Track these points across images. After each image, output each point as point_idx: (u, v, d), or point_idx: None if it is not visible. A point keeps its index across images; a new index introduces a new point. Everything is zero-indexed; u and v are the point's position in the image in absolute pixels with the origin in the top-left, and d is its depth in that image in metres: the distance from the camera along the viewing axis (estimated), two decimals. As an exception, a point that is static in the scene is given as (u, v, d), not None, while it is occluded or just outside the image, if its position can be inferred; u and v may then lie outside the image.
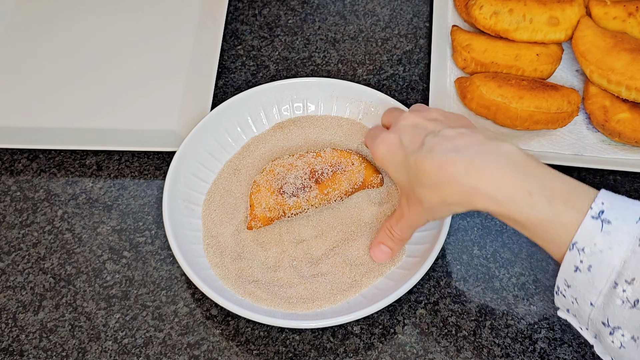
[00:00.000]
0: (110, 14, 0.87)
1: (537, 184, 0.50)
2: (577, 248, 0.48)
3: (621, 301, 0.47)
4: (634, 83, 0.69)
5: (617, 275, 0.47)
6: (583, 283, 0.49)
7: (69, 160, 0.75)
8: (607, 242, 0.47)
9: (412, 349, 0.62)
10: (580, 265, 0.49)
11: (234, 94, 0.77)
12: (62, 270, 0.67)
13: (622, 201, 0.49)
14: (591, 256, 0.48)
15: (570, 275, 0.49)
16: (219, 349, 0.62)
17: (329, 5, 0.89)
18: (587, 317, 0.50)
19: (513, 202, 0.50)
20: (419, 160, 0.54)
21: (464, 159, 0.51)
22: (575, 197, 0.50)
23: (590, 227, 0.48)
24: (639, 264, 0.46)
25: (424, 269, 0.61)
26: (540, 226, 0.50)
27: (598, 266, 0.48)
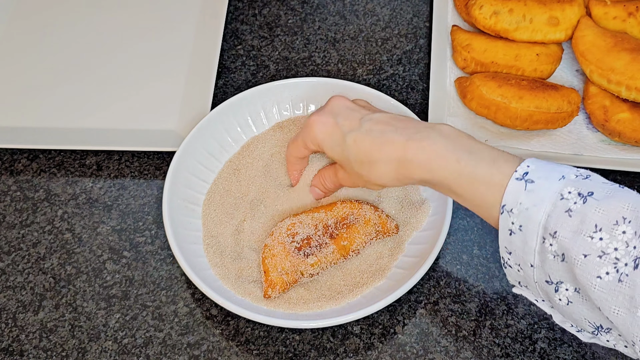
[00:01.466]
0: (110, 14, 0.87)
1: (467, 152, 0.54)
2: (506, 210, 0.51)
3: (552, 256, 0.50)
4: (634, 83, 0.69)
5: (544, 230, 0.50)
6: (519, 245, 0.52)
7: (69, 160, 0.75)
8: (531, 199, 0.50)
9: (412, 349, 0.62)
10: (512, 227, 0.51)
11: (234, 93, 0.77)
12: (62, 270, 0.67)
13: (548, 164, 0.52)
14: (519, 215, 0.51)
15: (508, 240, 0.52)
16: (219, 349, 0.62)
17: (329, 5, 0.89)
18: (534, 282, 0.53)
19: (444, 169, 0.54)
20: (358, 140, 0.58)
21: (401, 138, 0.56)
22: (501, 162, 0.53)
23: (515, 188, 0.51)
24: (560, 217, 0.49)
25: (424, 269, 0.61)
26: (469, 191, 0.54)
27: (527, 224, 0.50)
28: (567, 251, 0.49)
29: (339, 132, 0.59)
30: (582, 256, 0.48)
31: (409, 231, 0.66)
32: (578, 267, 0.48)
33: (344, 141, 0.59)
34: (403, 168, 0.56)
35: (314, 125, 0.61)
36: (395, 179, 0.57)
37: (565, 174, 0.51)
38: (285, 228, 0.63)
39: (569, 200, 0.49)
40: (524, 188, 0.51)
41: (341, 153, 0.60)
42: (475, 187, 0.53)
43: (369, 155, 0.57)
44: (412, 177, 0.56)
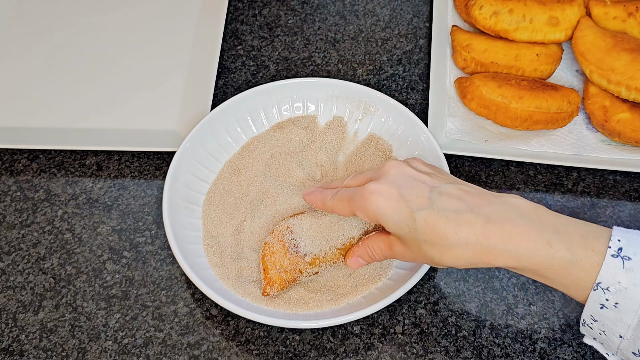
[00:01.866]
0: (110, 14, 0.87)
1: (553, 233, 0.50)
2: (602, 287, 0.49)
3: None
4: (633, 83, 0.69)
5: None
6: (610, 318, 0.49)
7: (69, 161, 0.75)
8: (631, 279, 0.48)
9: (412, 349, 0.62)
10: (606, 303, 0.49)
11: (234, 94, 0.77)
12: (62, 270, 0.68)
13: (637, 235, 0.50)
14: (616, 294, 0.48)
15: (597, 312, 0.50)
16: (219, 349, 0.62)
17: (329, 6, 0.89)
18: (617, 348, 0.51)
19: (534, 255, 0.50)
20: (430, 220, 0.52)
21: (479, 219, 0.51)
22: (591, 239, 0.50)
23: (612, 266, 0.48)
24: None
25: (424, 269, 0.61)
26: (562, 274, 0.50)
27: (624, 302, 0.48)
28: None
29: (406, 209, 0.53)
30: None
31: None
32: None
33: (412, 220, 0.53)
34: (484, 254, 0.51)
35: (374, 196, 0.54)
36: (471, 264, 0.52)
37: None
38: (286, 227, 0.63)
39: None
40: (622, 266, 0.48)
41: (408, 233, 0.53)
42: (569, 270, 0.50)
43: (443, 238, 0.51)
44: (493, 264, 0.51)
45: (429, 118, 0.74)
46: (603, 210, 0.71)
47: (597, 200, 0.71)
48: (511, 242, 0.50)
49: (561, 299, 0.65)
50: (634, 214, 0.70)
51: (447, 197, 0.53)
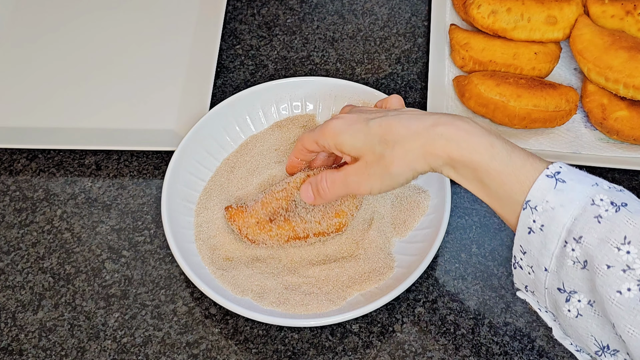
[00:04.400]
0: (109, 14, 0.87)
1: (499, 139, 0.52)
2: (530, 206, 0.49)
3: (572, 262, 0.47)
4: (631, 81, 0.69)
5: (567, 233, 0.47)
6: (537, 246, 0.49)
7: (68, 160, 0.75)
8: (560, 199, 0.47)
9: (410, 347, 0.62)
10: (533, 226, 0.49)
11: (232, 93, 0.78)
12: (61, 270, 0.68)
13: (582, 171, 0.50)
14: (543, 214, 0.48)
15: (525, 239, 0.50)
16: (218, 348, 0.62)
17: (327, 5, 0.89)
18: (544, 288, 0.50)
19: (476, 151, 0.51)
20: (384, 123, 0.55)
21: (429, 119, 0.54)
22: (533, 158, 0.51)
23: (544, 185, 0.48)
24: (588, 222, 0.46)
25: (422, 267, 0.61)
26: (498, 181, 0.51)
27: (549, 224, 0.48)
28: (590, 258, 0.46)
29: (361, 121, 0.57)
30: (605, 266, 0.45)
31: (406, 230, 0.67)
32: (599, 277, 0.46)
33: (367, 126, 0.56)
34: (431, 144, 0.53)
35: (331, 121, 0.59)
36: (420, 157, 0.53)
37: (598, 182, 0.48)
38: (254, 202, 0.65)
39: (599, 207, 0.46)
40: (554, 186, 0.48)
41: (363, 139, 0.56)
42: (504, 176, 0.50)
43: (395, 132, 0.54)
44: (439, 155, 0.53)
45: (427, 117, 0.74)
46: (601, 208, 0.71)
47: (595, 198, 0.71)
48: (457, 135, 0.52)
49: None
50: (632, 211, 0.70)
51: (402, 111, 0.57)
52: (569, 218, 0.47)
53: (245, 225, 0.65)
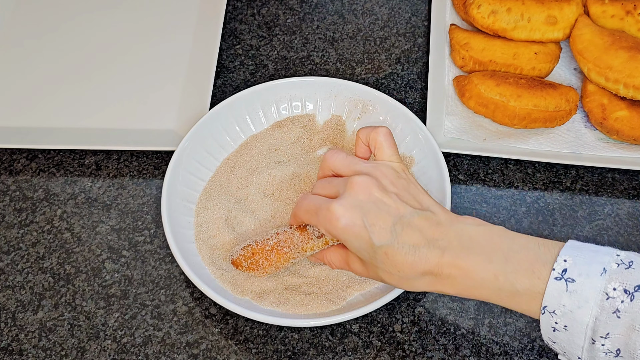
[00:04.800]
0: (109, 14, 0.87)
1: (502, 263, 0.52)
2: (549, 311, 0.50)
3: (604, 353, 0.48)
4: (631, 81, 0.69)
5: (593, 332, 0.48)
6: (565, 340, 0.50)
7: (68, 160, 0.75)
8: (575, 301, 0.48)
9: (410, 347, 0.62)
10: (556, 326, 0.50)
11: (232, 93, 0.78)
12: (61, 270, 0.68)
13: (587, 253, 0.50)
14: (563, 317, 0.49)
15: (551, 334, 0.51)
16: (218, 348, 0.62)
17: (327, 5, 0.89)
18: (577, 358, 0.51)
19: (482, 287, 0.52)
20: (390, 254, 0.54)
21: (435, 253, 0.53)
22: (539, 265, 0.51)
23: (555, 289, 0.49)
24: (609, 319, 0.47)
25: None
26: (510, 303, 0.52)
27: (572, 325, 0.49)
28: (623, 347, 0.47)
29: (368, 240, 0.55)
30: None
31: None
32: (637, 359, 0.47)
33: (373, 251, 0.55)
34: (439, 284, 0.54)
35: (338, 221, 0.55)
36: (427, 290, 0.55)
37: (606, 266, 0.48)
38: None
39: (615, 300, 0.47)
40: (565, 289, 0.49)
41: (369, 259, 0.56)
42: (516, 299, 0.52)
43: (401, 270, 0.54)
44: (447, 292, 0.54)
45: (427, 117, 0.74)
46: (601, 208, 0.71)
47: (595, 198, 0.72)
48: (462, 274, 0.53)
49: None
50: (632, 211, 0.70)
51: (409, 230, 0.54)
52: (590, 318, 0.48)
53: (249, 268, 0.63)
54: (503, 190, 0.72)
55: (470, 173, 0.73)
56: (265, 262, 0.62)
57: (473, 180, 0.73)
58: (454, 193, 0.71)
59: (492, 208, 0.71)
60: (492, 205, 0.71)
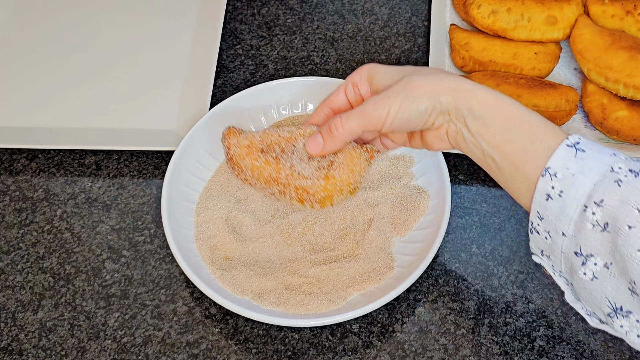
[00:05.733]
0: (109, 14, 0.87)
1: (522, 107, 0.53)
2: (550, 173, 0.50)
3: (591, 225, 0.49)
4: (631, 81, 0.69)
5: (588, 198, 0.49)
6: (554, 212, 0.50)
7: (68, 160, 0.75)
8: (580, 166, 0.49)
9: (410, 347, 0.62)
10: (551, 192, 0.50)
11: (232, 93, 0.78)
12: (62, 270, 0.68)
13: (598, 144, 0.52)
14: (563, 181, 0.50)
15: (543, 205, 0.51)
16: (218, 348, 0.62)
17: (327, 5, 0.89)
18: (560, 252, 0.52)
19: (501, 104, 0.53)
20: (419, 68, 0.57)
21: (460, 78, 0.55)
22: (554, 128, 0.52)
23: (564, 153, 0.50)
24: (608, 187, 0.48)
25: (422, 267, 0.61)
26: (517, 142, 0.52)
27: (569, 190, 0.50)
28: (612, 220, 0.48)
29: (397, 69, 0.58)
30: (627, 227, 0.47)
31: (406, 230, 0.67)
32: (621, 237, 0.47)
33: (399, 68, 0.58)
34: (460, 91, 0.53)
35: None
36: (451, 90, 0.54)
37: (616, 153, 0.51)
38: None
39: (619, 173, 0.49)
40: (574, 155, 0.50)
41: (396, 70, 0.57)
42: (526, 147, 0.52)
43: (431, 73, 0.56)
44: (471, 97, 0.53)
45: (427, 117, 0.74)
46: (601, 208, 0.71)
47: (595, 198, 0.71)
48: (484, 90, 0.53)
49: (560, 297, 0.65)
50: (632, 211, 0.70)
51: None
52: (590, 184, 0.49)
53: (237, 145, 0.60)
54: (503, 190, 0.72)
55: (470, 173, 0.73)
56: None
57: (473, 180, 0.73)
58: (454, 193, 0.71)
59: (492, 208, 0.71)
60: (492, 205, 0.71)
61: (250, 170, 0.60)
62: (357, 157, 0.60)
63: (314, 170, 0.59)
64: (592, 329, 0.63)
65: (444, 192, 0.66)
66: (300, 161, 0.59)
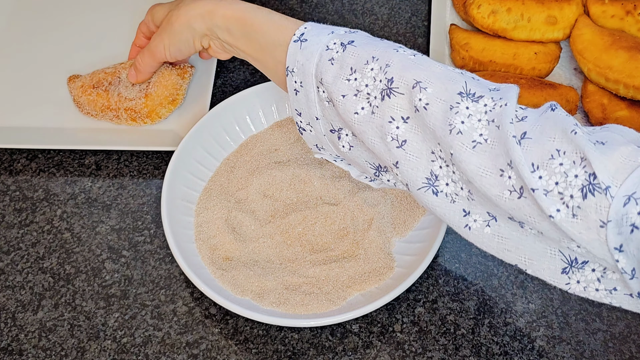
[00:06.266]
0: (109, 14, 0.87)
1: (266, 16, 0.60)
2: (289, 71, 0.56)
3: (327, 102, 0.55)
4: (631, 81, 0.70)
5: (315, 80, 0.55)
6: (304, 101, 0.57)
7: (68, 160, 0.75)
8: (305, 55, 0.55)
9: (410, 347, 0.62)
10: (296, 86, 0.56)
11: (232, 93, 0.78)
12: (61, 270, 0.68)
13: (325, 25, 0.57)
14: (298, 73, 0.56)
15: (295, 100, 0.57)
16: (218, 348, 0.62)
17: (327, 5, 0.89)
18: (323, 136, 0.58)
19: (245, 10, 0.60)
20: None
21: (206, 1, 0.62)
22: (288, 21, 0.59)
23: (293, 49, 0.56)
24: (324, 65, 0.54)
25: (422, 267, 0.61)
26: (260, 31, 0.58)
27: (305, 79, 0.55)
28: (330, 95, 0.54)
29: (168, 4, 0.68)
30: (341, 97, 0.53)
31: (406, 230, 0.67)
32: (339, 107, 0.53)
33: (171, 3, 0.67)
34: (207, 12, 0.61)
35: None
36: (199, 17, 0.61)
37: (335, 30, 0.56)
38: None
39: (332, 50, 0.54)
40: (300, 47, 0.55)
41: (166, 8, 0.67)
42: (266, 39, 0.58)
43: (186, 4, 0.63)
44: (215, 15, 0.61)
45: (427, 117, 0.74)
46: (601, 208, 0.71)
47: (595, 199, 0.71)
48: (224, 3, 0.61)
49: (560, 297, 0.65)
50: (632, 212, 0.70)
51: None
52: (313, 66, 0.55)
53: (74, 87, 0.75)
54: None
55: (470, 173, 0.73)
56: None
57: (473, 180, 0.73)
58: (454, 193, 0.71)
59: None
60: (492, 205, 0.71)
61: (88, 104, 0.74)
62: (169, 74, 0.73)
63: (137, 93, 0.73)
64: (592, 329, 0.63)
65: (444, 192, 0.66)
66: (126, 88, 0.73)
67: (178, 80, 0.74)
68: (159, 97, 0.73)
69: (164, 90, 0.73)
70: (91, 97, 0.73)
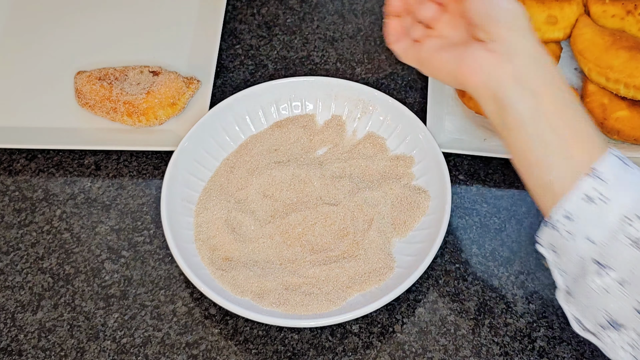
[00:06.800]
0: (109, 13, 0.87)
1: None
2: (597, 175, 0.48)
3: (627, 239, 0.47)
4: (632, 81, 0.69)
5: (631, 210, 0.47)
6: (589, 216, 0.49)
7: (68, 160, 0.75)
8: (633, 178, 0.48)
9: (410, 347, 0.62)
10: (594, 195, 0.48)
11: (232, 93, 0.77)
12: (61, 270, 0.67)
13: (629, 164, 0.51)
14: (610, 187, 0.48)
15: (577, 206, 0.49)
16: (218, 348, 0.62)
17: (327, 4, 0.89)
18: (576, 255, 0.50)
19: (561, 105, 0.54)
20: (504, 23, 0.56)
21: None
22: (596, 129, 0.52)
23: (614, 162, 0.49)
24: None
25: (423, 267, 0.61)
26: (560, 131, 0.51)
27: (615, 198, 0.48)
28: None
29: None
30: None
31: (406, 230, 0.66)
32: None
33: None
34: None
35: None
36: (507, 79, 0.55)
37: None
38: None
39: None
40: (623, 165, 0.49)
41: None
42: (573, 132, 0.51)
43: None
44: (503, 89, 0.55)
45: (427, 117, 0.74)
46: (602, 208, 0.71)
47: (596, 199, 0.71)
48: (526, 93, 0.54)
49: (560, 298, 0.65)
50: (633, 212, 0.70)
51: None
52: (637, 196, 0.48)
53: (79, 78, 0.76)
54: (503, 191, 0.72)
55: (471, 173, 0.73)
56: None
57: (473, 180, 0.73)
58: (454, 193, 0.70)
59: (492, 208, 0.70)
60: (493, 205, 0.71)
61: (88, 93, 0.74)
62: (175, 78, 0.74)
63: (140, 90, 0.74)
64: (592, 329, 0.63)
65: (444, 193, 0.66)
66: (130, 86, 0.75)
67: (183, 86, 0.74)
68: (160, 95, 0.73)
69: (167, 90, 0.73)
70: (94, 86, 0.74)
